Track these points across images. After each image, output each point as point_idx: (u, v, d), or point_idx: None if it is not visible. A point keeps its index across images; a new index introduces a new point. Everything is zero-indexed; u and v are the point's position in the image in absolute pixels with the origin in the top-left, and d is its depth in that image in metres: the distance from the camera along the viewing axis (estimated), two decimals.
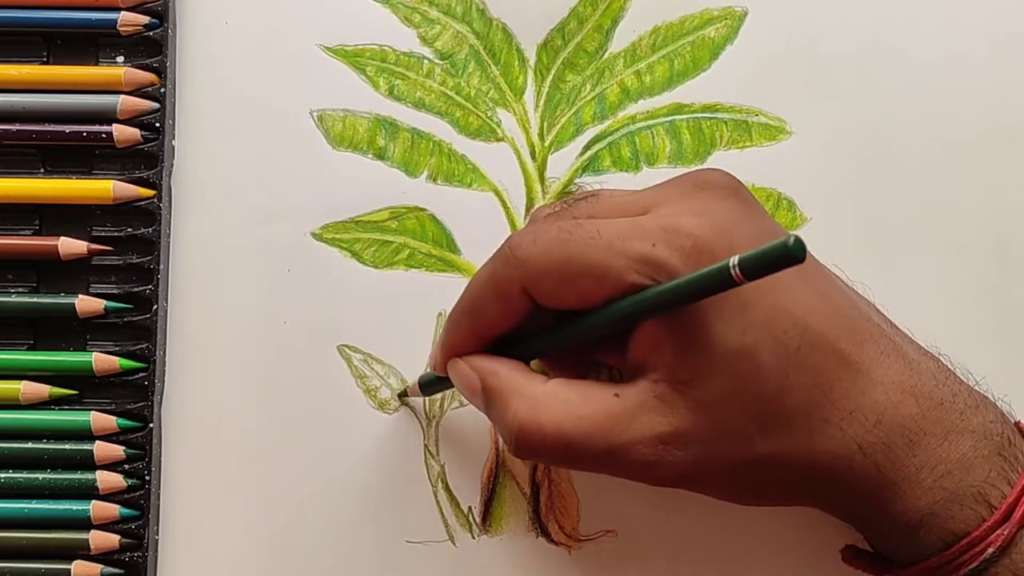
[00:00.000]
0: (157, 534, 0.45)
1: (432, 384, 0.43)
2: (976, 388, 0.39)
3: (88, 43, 0.48)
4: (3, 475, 0.45)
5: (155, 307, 0.46)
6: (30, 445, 0.45)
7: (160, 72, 0.47)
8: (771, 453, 0.36)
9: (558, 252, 0.36)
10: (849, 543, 0.41)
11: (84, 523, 0.45)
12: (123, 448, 0.45)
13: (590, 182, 0.48)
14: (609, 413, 0.36)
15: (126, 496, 0.45)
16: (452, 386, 0.41)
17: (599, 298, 0.36)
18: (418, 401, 0.46)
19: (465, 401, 0.46)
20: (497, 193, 0.48)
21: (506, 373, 0.38)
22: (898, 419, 0.36)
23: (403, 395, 0.46)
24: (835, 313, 0.37)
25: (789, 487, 0.37)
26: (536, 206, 0.42)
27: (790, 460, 0.36)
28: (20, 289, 0.47)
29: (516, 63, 0.48)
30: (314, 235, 0.47)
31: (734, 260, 0.32)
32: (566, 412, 0.36)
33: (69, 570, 0.44)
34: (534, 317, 0.38)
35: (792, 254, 0.31)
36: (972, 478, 0.36)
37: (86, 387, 0.46)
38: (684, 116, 0.48)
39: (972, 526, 0.36)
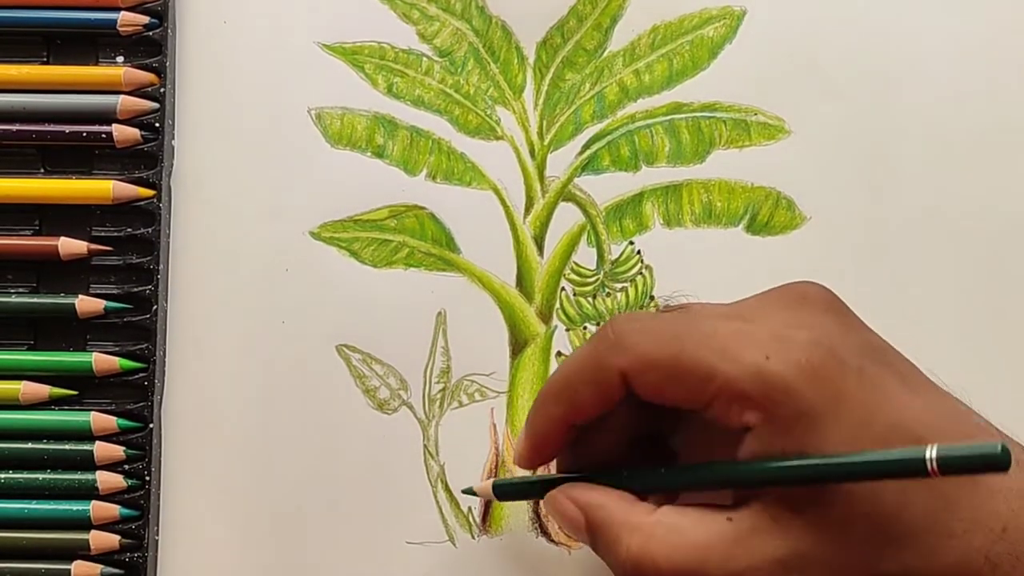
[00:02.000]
0: (157, 534, 0.45)
1: (512, 493, 0.42)
2: None
3: (88, 43, 0.48)
4: (3, 475, 0.45)
5: (155, 307, 0.46)
6: (30, 445, 0.45)
7: (160, 72, 0.47)
8: (895, 571, 0.35)
9: (670, 347, 0.35)
10: None
11: (84, 523, 0.45)
12: (123, 448, 0.45)
13: (589, 181, 0.47)
14: (724, 538, 0.35)
15: (126, 496, 0.45)
16: (535, 497, 0.40)
17: (700, 400, 0.35)
18: (418, 402, 0.46)
19: (465, 401, 0.46)
20: (496, 192, 0.47)
21: (612, 504, 0.37)
22: (1022, 526, 0.35)
23: (469, 492, 0.45)
24: (947, 422, 0.35)
25: None
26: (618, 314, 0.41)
27: None
28: (20, 289, 0.47)
29: (515, 61, 0.48)
30: (312, 234, 0.47)
31: (931, 454, 0.31)
32: (680, 543, 0.35)
33: (69, 570, 0.44)
34: (620, 411, 0.38)
35: (998, 462, 0.30)
36: None
37: (86, 387, 0.46)
38: (683, 115, 0.48)
39: None
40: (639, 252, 0.47)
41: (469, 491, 0.44)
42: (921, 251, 0.47)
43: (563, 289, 0.47)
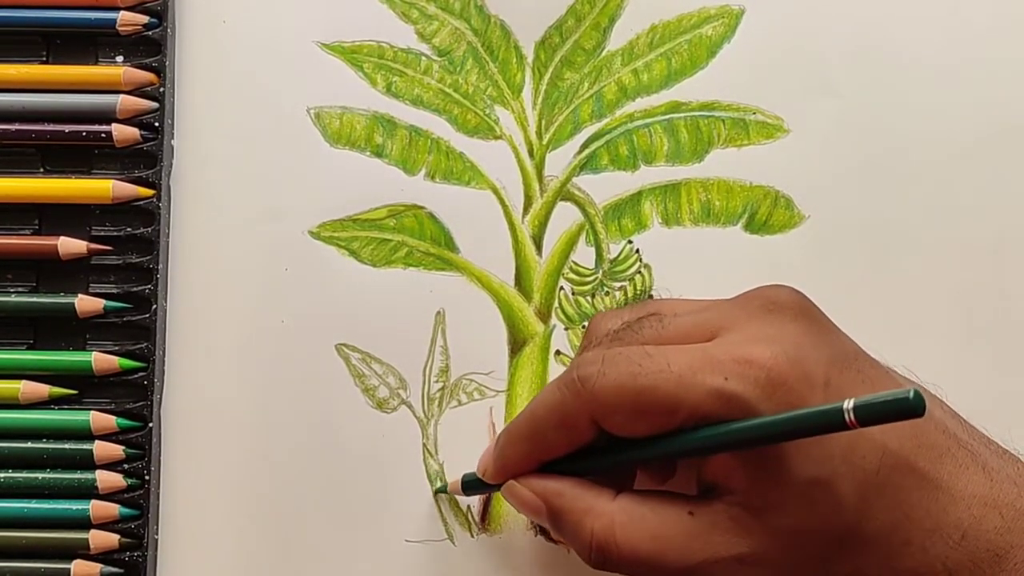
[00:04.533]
0: (157, 534, 0.45)
1: (477, 487, 0.43)
2: None
3: (87, 43, 0.48)
4: (3, 475, 0.45)
5: (154, 307, 0.46)
6: (30, 445, 0.45)
7: (159, 72, 0.47)
8: (849, 573, 0.36)
9: (629, 385, 0.36)
10: None
11: (84, 523, 0.45)
12: (123, 448, 0.45)
13: (588, 180, 0.48)
14: (684, 532, 0.36)
15: (126, 496, 0.45)
16: (497, 489, 0.41)
17: (670, 428, 0.36)
18: (417, 401, 0.46)
19: (464, 400, 0.46)
20: (495, 191, 0.47)
21: (572, 492, 0.38)
22: (983, 534, 0.35)
23: (441, 491, 0.46)
24: (912, 430, 0.36)
25: None
26: (595, 317, 0.41)
27: None
28: (20, 289, 0.47)
29: (514, 60, 0.48)
30: (312, 233, 0.47)
31: (848, 405, 0.32)
32: (642, 531, 0.36)
33: (69, 570, 0.44)
34: (596, 439, 0.38)
35: (913, 408, 0.30)
36: None
37: (86, 387, 0.46)
38: (682, 114, 0.48)
39: None
40: (638, 251, 0.47)
41: (442, 490, 0.45)
42: (920, 250, 0.47)
43: (562, 288, 0.47)
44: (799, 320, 0.37)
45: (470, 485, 0.43)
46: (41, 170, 0.47)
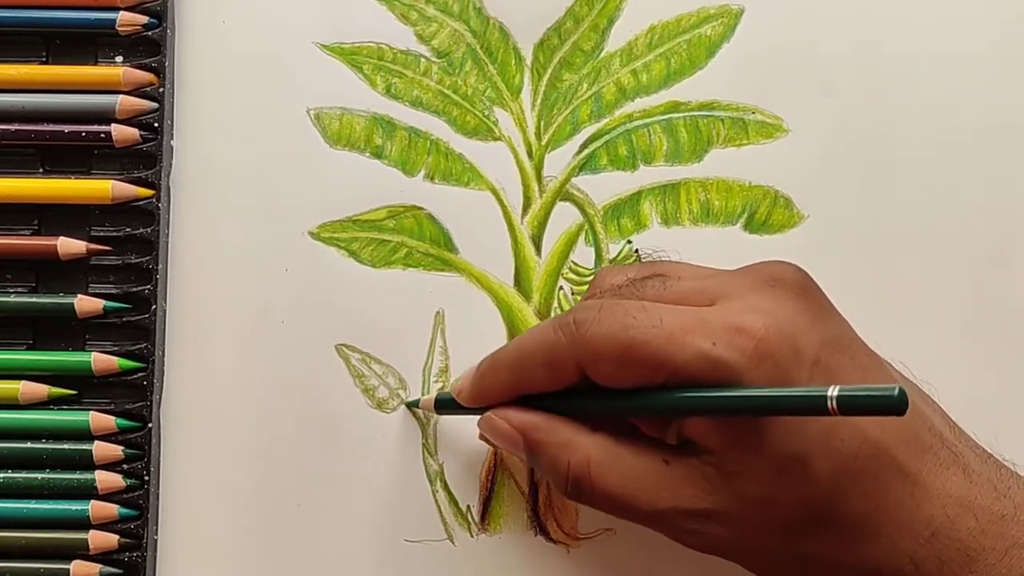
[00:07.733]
0: (156, 534, 0.45)
1: (450, 407, 0.43)
2: None
3: (87, 43, 0.48)
4: (2, 475, 0.45)
5: (154, 307, 0.46)
6: (29, 445, 0.45)
7: (159, 72, 0.47)
8: (815, 553, 0.36)
9: (620, 336, 0.36)
10: None
11: (83, 523, 0.45)
12: (122, 448, 0.45)
13: (587, 180, 0.48)
14: (656, 479, 0.37)
15: (125, 496, 0.45)
16: (469, 413, 0.41)
17: (653, 383, 0.37)
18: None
19: None
20: (494, 192, 0.48)
21: (549, 425, 0.39)
22: (954, 534, 0.35)
23: (413, 405, 0.46)
24: (897, 423, 0.36)
25: None
26: (603, 267, 0.42)
27: (834, 563, 0.36)
28: (19, 289, 0.47)
29: (513, 62, 0.48)
30: (311, 234, 0.47)
31: (832, 392, 0.32)
32: (616, 471, 0.37)
33: (68, 570, 0.44)
34: (577, 384, 0.39)
35: (895, 405, 0.31)
36: None
37: (85, 387, 0.46)
38: (681, 114, 0.48)
39: None
40: (637, 251, 0.47)
41: (414, 404, 0.46)
42: (919, 249, 0.47)
43: (561, 288, 0.47)
44: (799, 298, 0.37)
45: (444, 404, 0.44)
46: (41, 170, 0.47)
